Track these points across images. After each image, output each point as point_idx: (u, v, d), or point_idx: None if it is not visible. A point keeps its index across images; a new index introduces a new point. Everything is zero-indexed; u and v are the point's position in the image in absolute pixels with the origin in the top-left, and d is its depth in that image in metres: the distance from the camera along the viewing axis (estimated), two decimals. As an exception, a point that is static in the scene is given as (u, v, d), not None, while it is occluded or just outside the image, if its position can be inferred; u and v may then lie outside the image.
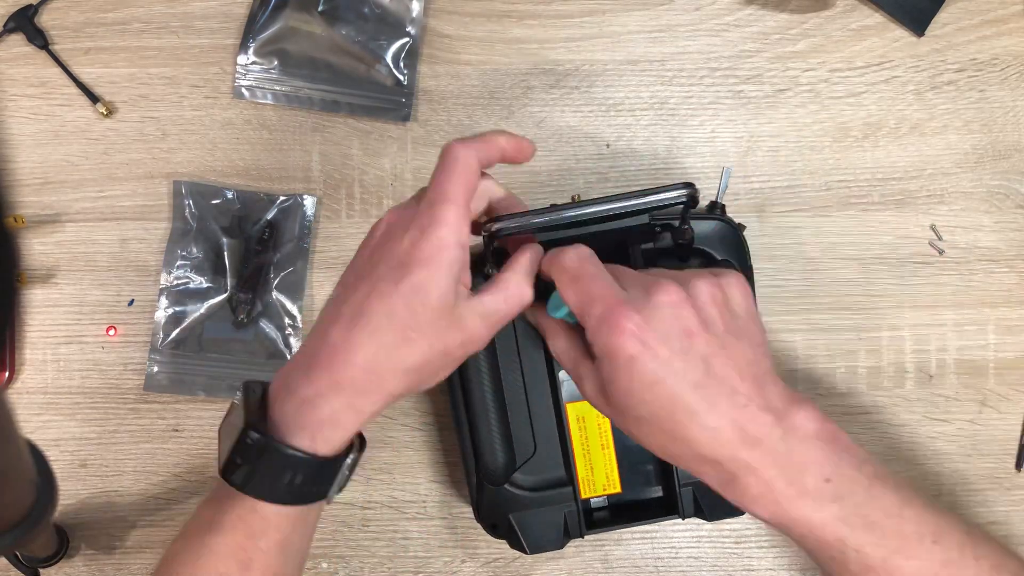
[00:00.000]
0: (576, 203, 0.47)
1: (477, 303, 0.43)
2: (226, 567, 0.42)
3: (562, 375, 0.55)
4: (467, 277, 0.43)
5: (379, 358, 0.41)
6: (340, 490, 0.45)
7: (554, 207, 0.47)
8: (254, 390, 0.44)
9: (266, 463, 0.41)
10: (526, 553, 0.55)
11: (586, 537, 0.55)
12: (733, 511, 0.50)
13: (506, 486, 0.55)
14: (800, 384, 0.63)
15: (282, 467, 0.41)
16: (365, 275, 0.43)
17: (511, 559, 0.62)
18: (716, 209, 0.59)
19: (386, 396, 0.42)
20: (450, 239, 0.41)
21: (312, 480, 0.42)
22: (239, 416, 0.42)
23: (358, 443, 0.45)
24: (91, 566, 0.61)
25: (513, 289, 0.45)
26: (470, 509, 0.61)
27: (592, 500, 0.56)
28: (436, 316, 0.41)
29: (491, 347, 0.54)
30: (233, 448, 0.41)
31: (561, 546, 0.55)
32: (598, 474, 0.56)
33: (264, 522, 0.42)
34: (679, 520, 0.54)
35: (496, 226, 0.46)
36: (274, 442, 0.41)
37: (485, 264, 0.49)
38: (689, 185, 0.47)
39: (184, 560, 0.43)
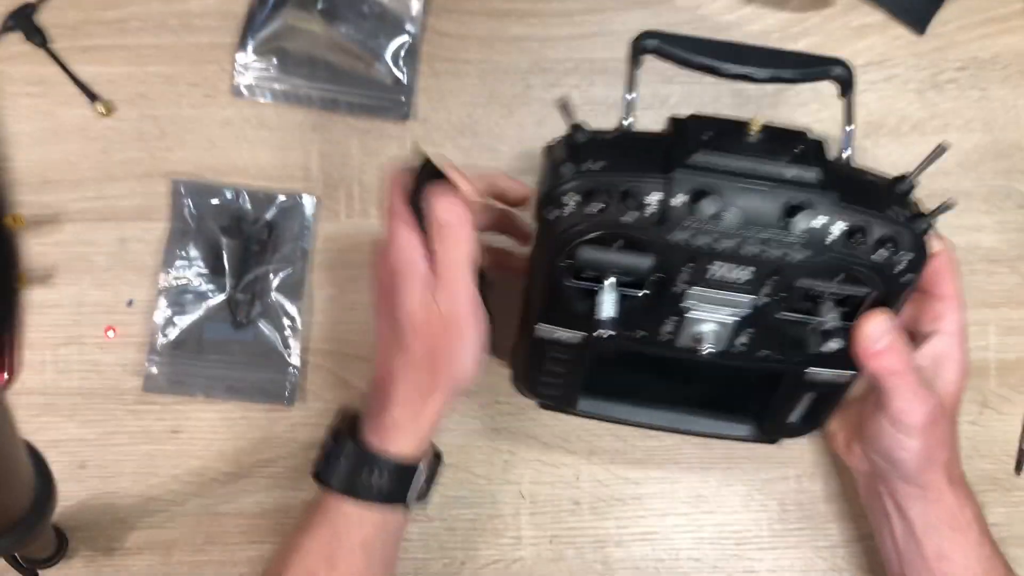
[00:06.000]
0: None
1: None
2: (314, 564, 0.47)
3: None
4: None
5: (403, 377, 0.48)
6: (419, 500, 0.50)
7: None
8: (347, 409, 0.51)
9: (346, 458, 0.48)
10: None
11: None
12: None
13: None
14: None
15: (360, 463, 0.47)
16: (396, 342, 0.47)
17: (511, 561, 0.61)
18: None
19: (437, 404, 0.48)
20: (470, 308, 0.46)
21: (389, 481, 0.47)
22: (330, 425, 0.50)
23: (433, 459, 0.51)
24: (90, 567, 0.61)
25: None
26: (470, 511, 0.61)
27: None
28: (421, 322, 0.47)
29: None
30: (321, 447, 0.49)
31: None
32: None
33: (347, 520, 0.48)
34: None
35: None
36: (353, 440, 0.48)
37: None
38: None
39: (277, 560, 0.49)
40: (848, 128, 0.43)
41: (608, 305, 0.42)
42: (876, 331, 0.44)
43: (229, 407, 0.62)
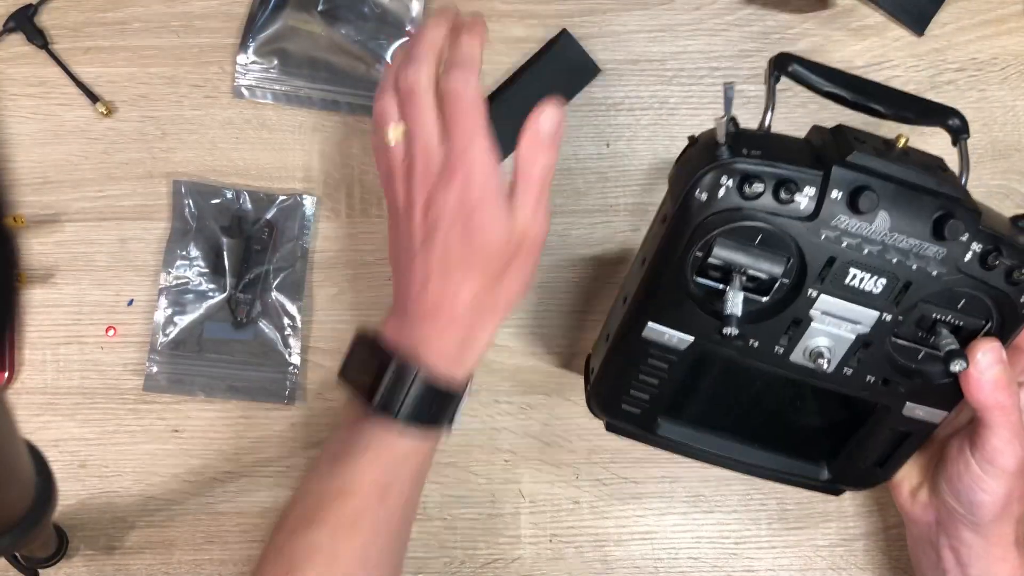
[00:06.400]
0: None
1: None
2: (368, 493, 0.45)
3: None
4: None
5: (471, 302, 0.45)
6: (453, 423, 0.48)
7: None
8: (366, 334, 0.48)
9: (414, 388, 0.45)
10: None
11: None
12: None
13: None
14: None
15: (428, 394, 0.45)
16: (429, 237, 0.45)
17: (511, 560, 0.62)
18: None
19: (494, 326, 0.47)
20: (493, 173, 0.44)
21: (444, 407, 0.46)
22: (367, 351, 0.47)
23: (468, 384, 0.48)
24: (90, 566, 0.61)
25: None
26: (470, 510, 0.61)
27: None
28: (502, 246, 0.45)
29: None
30: (374, 375, 0.45)
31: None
32: None
33: (393, 450, 0.46)
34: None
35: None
36: (405, 361, 0.45)
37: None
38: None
39: (315, 492, 0.46)
40: (964, 176, 0.44)
41: (736, 302, 0.42)
42: (987, 360, 0.43)
43: (229, 406, 0.62)
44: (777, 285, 0.43)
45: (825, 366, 0.45)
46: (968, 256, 0.42)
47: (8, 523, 0.41)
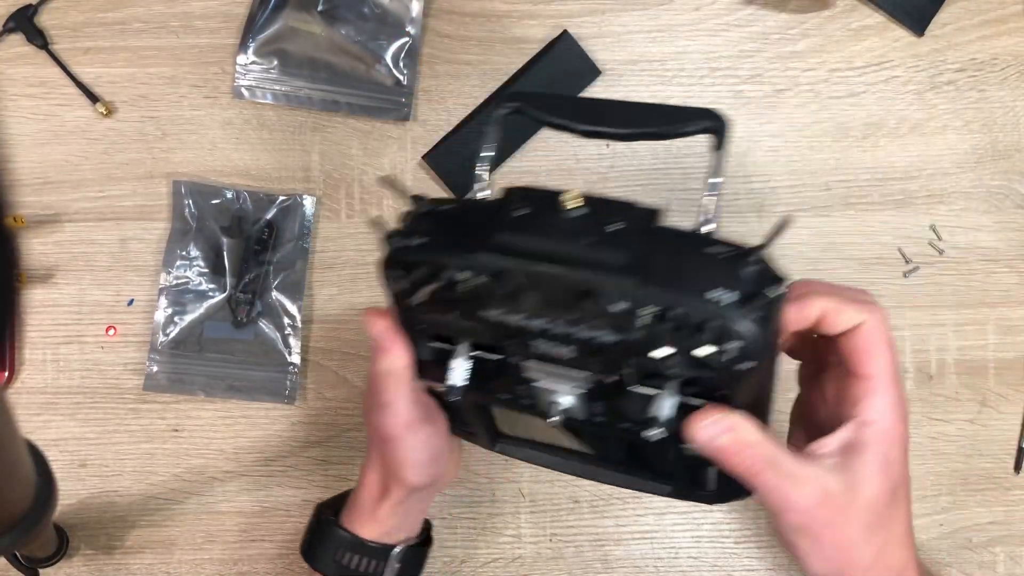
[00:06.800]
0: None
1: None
2: None
3: None
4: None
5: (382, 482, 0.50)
6: None
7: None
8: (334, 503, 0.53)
9: (319, 537, 0.50)
10: None
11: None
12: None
13: None
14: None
15: (334, 544, 0.49)
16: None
17: (510, 559, 0.62)
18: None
19: (390, 503, 0.49)
20: (400, 420, 0.46)
21: (364, 562, 0.49)
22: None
23: (412, 547, 0.51)
24: (91, 566, 0.61)
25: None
26: (470, 509, 0.61)
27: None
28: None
29: None
30: (306, 528, 0.52)
31: None
32: None
33: None
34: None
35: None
36: (327, 520, 0.50)
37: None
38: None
39: None
40: (710, 196, 0.38)
41: (457, 372, 0.41)
42: (705, 433, 0.37)
43: (229, 406, 0.62)
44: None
45: (557, 419, 0.41)
46: (639, 322, 0.36)
47: (8, 523, 0.41)
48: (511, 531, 0.62)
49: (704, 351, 0.35)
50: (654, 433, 0.38)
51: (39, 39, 0.62)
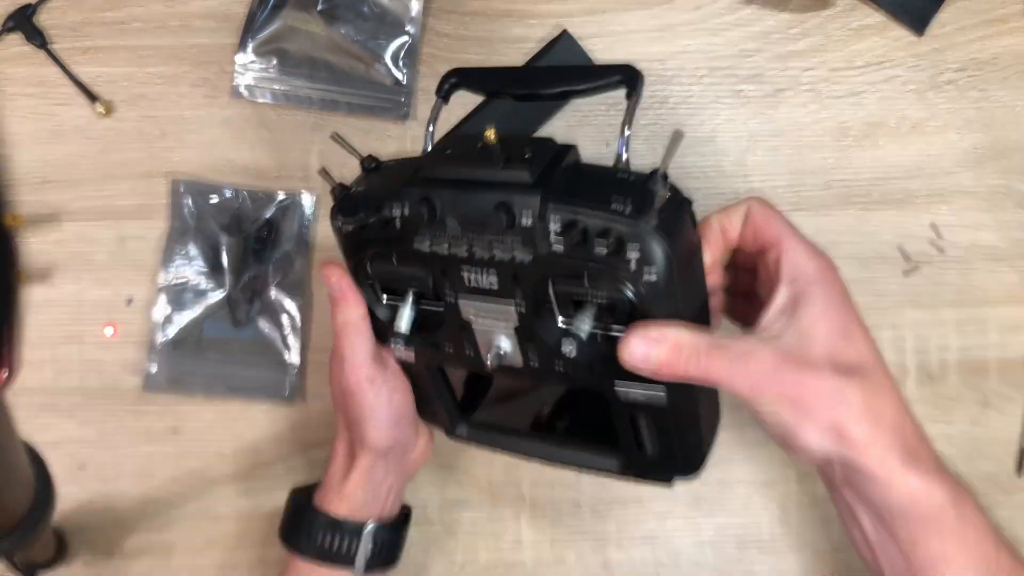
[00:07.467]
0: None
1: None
2: None
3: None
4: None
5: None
6: (373, 565, 0.50)
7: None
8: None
9: (294, 520, 0.51)
10: None
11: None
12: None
13: None
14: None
15: (307, 524, 0.50)
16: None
17: (511, 564, 0.61)
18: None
19: (360, 470, 0.50)
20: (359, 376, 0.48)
21: (336, 540, 0.49)
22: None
23: (389, 525, 0.52)
24: (90, 570, 0.61)
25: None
26: (470, 513, 0.61)
27: None
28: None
29: None
30: (284, 510, 0.52)
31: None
32: None
33: None
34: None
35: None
36: (300, 500, 0.51)
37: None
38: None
39: None
40: (626, 133, 0.41)
41: (404, 319, 0.45)
42: (638, 351, 0.38)
43: (229, 406, 0.62)
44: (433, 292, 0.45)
45: (514, 362, 0.44)
46: (550, 236, 0.39)
47: (7, 526, 0.40)
48: (512, 535, 0.61)
49: (603, 249, 0.38)
50: (570, 349, 0.41)
51: (38, 38, 0.62)
